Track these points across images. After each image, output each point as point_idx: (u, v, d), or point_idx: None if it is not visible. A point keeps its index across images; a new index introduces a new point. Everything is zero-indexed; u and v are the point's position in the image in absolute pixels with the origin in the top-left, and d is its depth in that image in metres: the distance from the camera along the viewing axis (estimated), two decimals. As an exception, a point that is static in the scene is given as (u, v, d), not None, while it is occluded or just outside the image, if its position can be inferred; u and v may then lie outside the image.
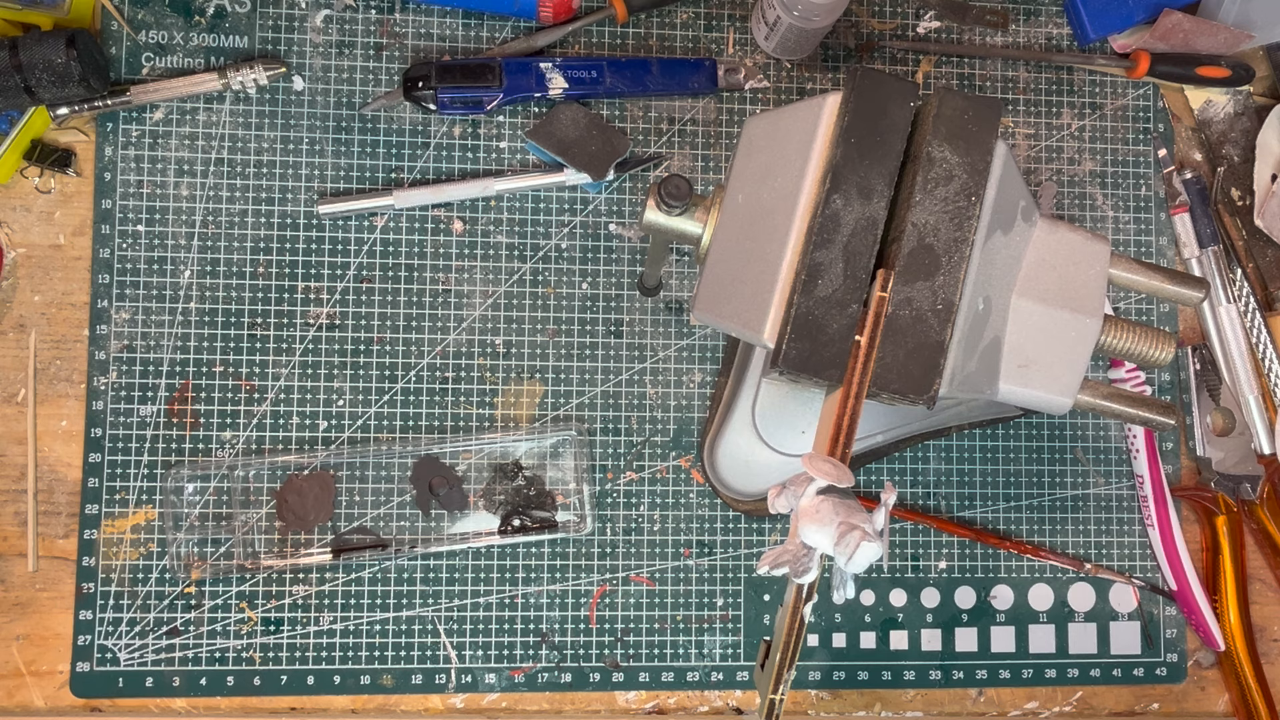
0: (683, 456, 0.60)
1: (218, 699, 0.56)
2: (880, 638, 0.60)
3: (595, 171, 0.59)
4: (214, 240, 0.58)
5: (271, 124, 0.58)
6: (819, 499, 0.37)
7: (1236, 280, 0.63)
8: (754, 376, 0.56)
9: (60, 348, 0.57)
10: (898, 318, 0.40)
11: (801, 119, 0.43)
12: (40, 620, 0.55)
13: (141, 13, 0.58)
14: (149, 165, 0.57)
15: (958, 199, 0.41)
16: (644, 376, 0.60)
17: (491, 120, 0.60)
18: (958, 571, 0.60)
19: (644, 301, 0.60)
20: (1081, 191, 0.63)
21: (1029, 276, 0.45)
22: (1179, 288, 0.47)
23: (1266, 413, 0.62)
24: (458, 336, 0.59)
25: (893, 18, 0.63)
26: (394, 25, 0.60)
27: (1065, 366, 0.45)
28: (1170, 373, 0.63)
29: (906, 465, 0.61)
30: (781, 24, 0.57)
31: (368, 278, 0.58)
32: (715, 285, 0.44)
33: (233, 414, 0.57)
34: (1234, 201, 0.63)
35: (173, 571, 0.56)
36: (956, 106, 0.42)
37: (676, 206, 0.44)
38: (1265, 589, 0.63)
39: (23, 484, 0.56)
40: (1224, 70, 0.62)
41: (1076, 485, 0.62)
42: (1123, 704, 0.61)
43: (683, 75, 0.60)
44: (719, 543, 0.59)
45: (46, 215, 0.57)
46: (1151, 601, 0.61)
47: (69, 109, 0.56)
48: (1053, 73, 0.63)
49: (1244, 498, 0.61)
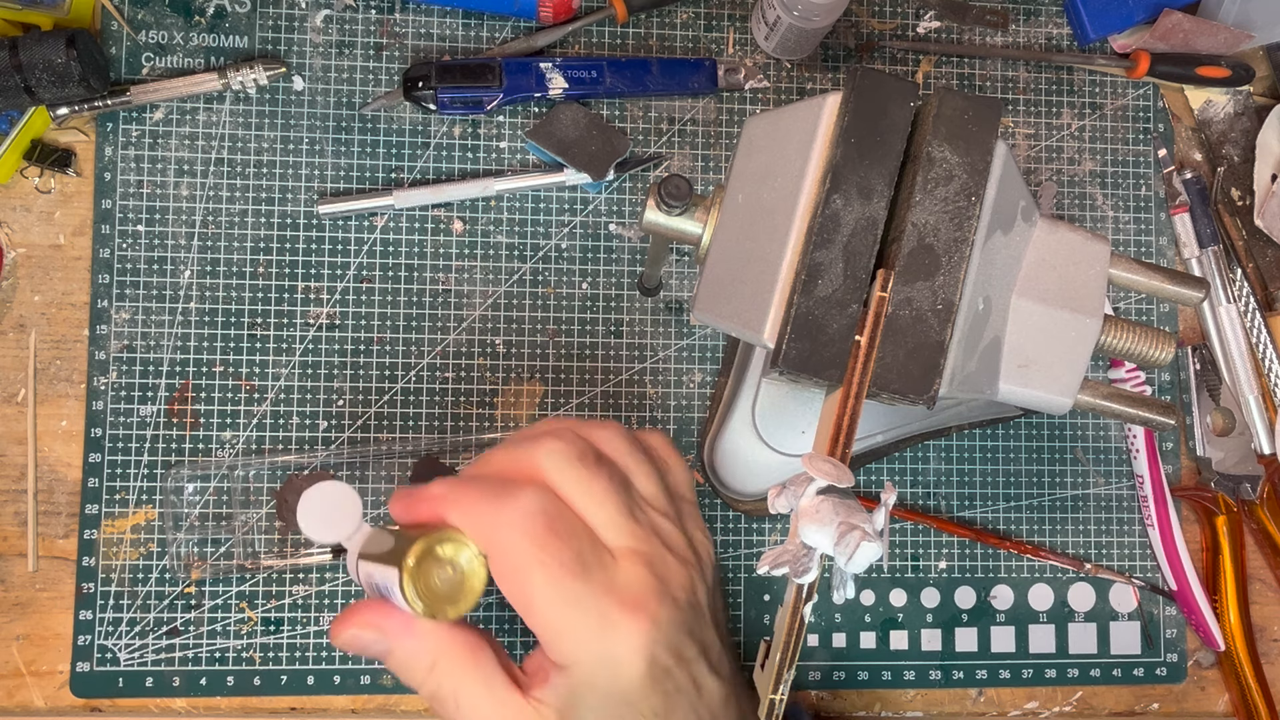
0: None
1: (218, 699, 0.56)
2: (880, 638, 0.60)
3: (595, 171, 0.59)
4: (214, 240, 0.58)
5: (271, 124, 0.58)
6: (819, 499, 0.37)
7: (1236, 280, 0.63)
8: (754, 376, 0.56)
9: (60, 348, 0.57)
10: (898, 318, 0.40)
11: (801, 119, 0.43)
12: (40, 620, 0.56)
13: (141, 13, 0.58)
14: (149, 165, 0.57)
15: (958, 199, 0.41)
16: (644, 376, 0.60)
17: (491, 120, 0.60)
18: (958, 571, 0.60)
19: (644, 301, 0.60)
20: (1081, 191, 0.63)
21: (1029, 276, 0.45)
22: (1179, 288, 0.47)
23: (1266, 413, 0.62)
24: (458, 336, 0.59)
25: (893, 18, 0.63)
26: (394, 25, 0.60)
27: (1065, 366, 0.45)
28: (1170, 373, 0.63)
29: (906, 465, 0.61)
30: (781, 24, 0.57)
31: (368, 278, 0.58)
32: (715, 285, 0.44)
33: (233, 414, 0.57)
34: (1234, 201, 0.63)
35: (173, 571, 0.56)
36: (956, 106, 0.42)
37: (676, 206, 0.44)
38: (1265, 589, 0.63)
39: (23, 484, 0.56)
40: (1224, 70, 0.62)
41: (1076, 485, 0.62)
42: (1123, 704, 0.61)
43: (683, 75, 0.60)
44: (719, 543, 0.59)
45: (46, 215, 0.57)
46: (1151, 601, 0.61)
47: (69, 109, 0.56)
48: (1053, 73, 0.63)
49: (1244, 498, 0.61)
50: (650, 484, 0.45)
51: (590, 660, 0.40)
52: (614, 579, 0.41)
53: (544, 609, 0.40)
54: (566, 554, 0.40)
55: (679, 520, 0.46)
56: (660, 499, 0.45)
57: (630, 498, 0.43)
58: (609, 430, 0.45)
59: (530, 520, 0.40)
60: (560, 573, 0.39)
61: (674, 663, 0.42)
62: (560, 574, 0.39)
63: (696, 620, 0.44)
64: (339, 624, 0.42)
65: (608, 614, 0.40)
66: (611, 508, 0.42)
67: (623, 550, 0.42)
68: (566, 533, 0.40)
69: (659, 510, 0.45)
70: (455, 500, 0.41)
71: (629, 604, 0.40)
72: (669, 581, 0.42)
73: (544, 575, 0.39)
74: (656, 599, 0.41)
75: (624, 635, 0.40)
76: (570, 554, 0.40)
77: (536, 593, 0.40)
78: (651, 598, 0.41)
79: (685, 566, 0.43)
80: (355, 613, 0.42)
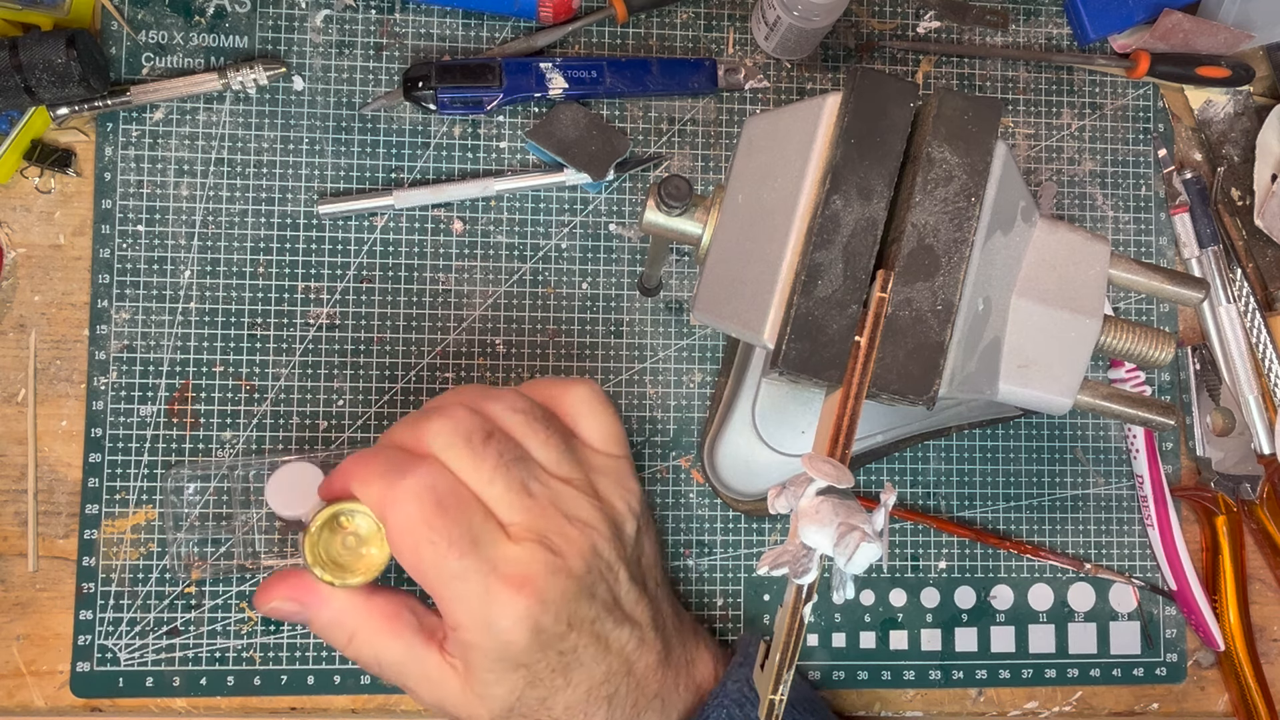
0: (683, 456, 0.60)
1: (218, 699, 0.56)
2: (880, 638, 0.60)
3: (595, 171, 0.59)
4: (214, 240, 0.58)
5: (271, 124, 0.58)
6: (819, 499, 0.37)
7: (1236, 280, 0.63)
8: (754, 376, 0.56)
9: (60, 348, 0.57)
10: (897, 318, 0.40)
11: (801, 119, 0.43)
12: (40, 620, 0.56)
13: (141, 13, 0.58)
14: (149, 165, 0.57)
15: (958, 199, 0.41)
16: (644, 376, 0.60)
17: (491, 120, 0.60)
18: (958, 571, 0.60)
19: (644, 301, 0.60)
20: (1081, 191, 0.63)
21: (1029, 277, 0.45)
22: (1179, 288, 0.47)
23: (1266, 413, 0.62)
24: (458, 337, 0.59)
25: (893, 18, 0.63)
26: (394, 25, 0.60)
27: (1065, 367, 0.45)
28: (1170, 373, 0.63)
29: (906, 465, 0.61)
30: (781, 24, 0.57)
31: (368, 278, 0.58)
32: (715, 285, 0.44)
33: (233, 414, 0.57)
34: (1234, 201, 0.63)
35: (173, 571, 0.56)
36: (956, 107, 0.42)
37: (676, 207, 0.44)
38: (1265, 589, 0.63)
39: (23, 484, 0.56)
40: (1224, 70, 0.62)
41: (1076, 485, 0.62)
42: (1122, 704, 0.61)
43: (683, 75, 0.60)
44: (719, 543, 0.59)
45: (46, 215, 0.57)
46: (1151, 601, 0.61)
47: (69, 109, 0.56)
48: (1053, 73, 0.63)
49: (1244, 498, 0.61)
50: (549, 452, 0.46)
51: (477, 628, 0.42)
52: (502, 555, 0.42)
53: (432, 581, 0.42)
54: (455, 531, 0.41)
55: (587, 482, 0.46)
56: (562, 465, 0.46)
57: (525, 470, 0.44)
58: (505, 401, 0.46)
59: (420, 497, 0.41)
60: (447, 550, 0.41)
61: (567, 628, 0.44)
62: (446, 551, 0.41)
63: (600, 581, 0.45)
64: (262, 593, 0.46)
65: (490, 589, 0.42)
66: (501, 485, 0.43)
67: (516, 526, 0.43)
68: (455, 510, 0.42)
69: (560, 478, 0.46)
70: (357, 474, 0.43)
71: (513, 581, 0.42)
72: (564, 553, 0.43)
73: (431, 551, 0.41)
74: (545, 574, 0.42)
75: (506, 610, 0.42)
76: (458, 531, 0.42)
77: (426, 566, 0.42)
78: (540, 574, 0.42)
79: (587, 533, 0.45)
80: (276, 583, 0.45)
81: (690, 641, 0.52)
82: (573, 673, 0.45)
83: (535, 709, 0.45)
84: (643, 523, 0.49)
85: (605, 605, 0.45)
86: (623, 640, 0.46)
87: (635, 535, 0.48)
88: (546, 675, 0.44)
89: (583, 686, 0.45)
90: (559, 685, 0.45)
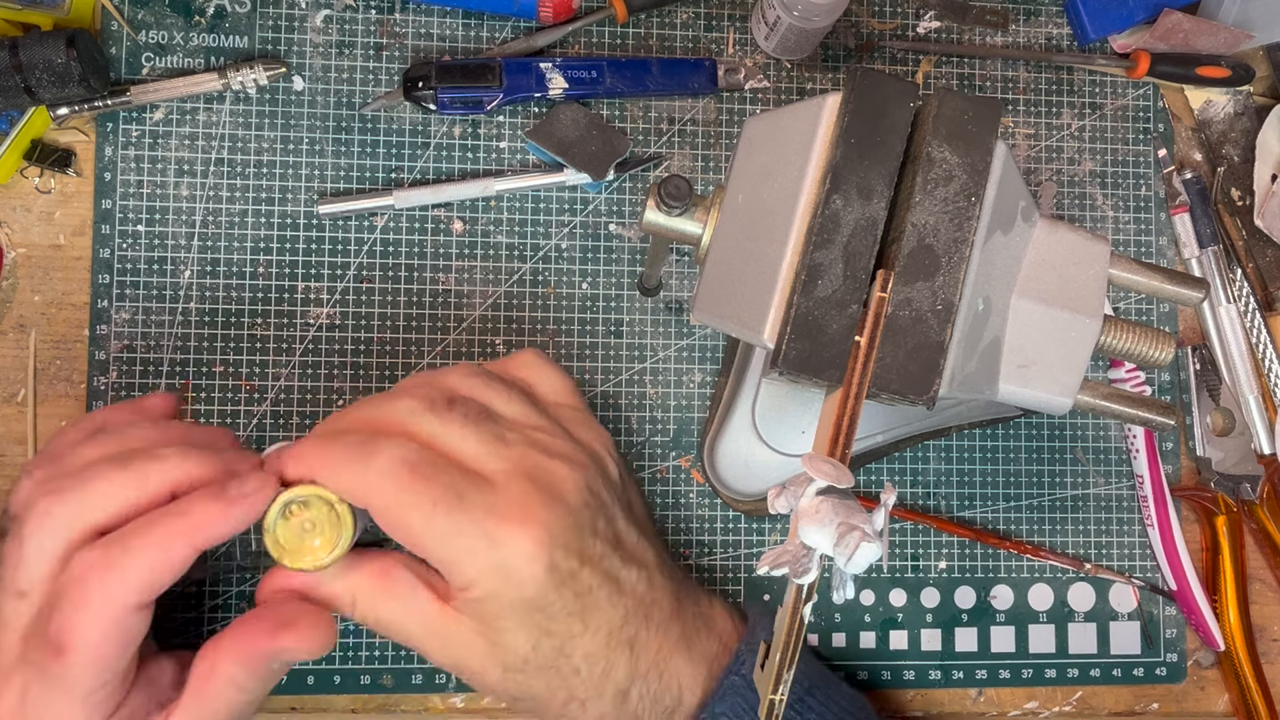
0: (683, 456, 0.60)
1: (218, 699, 0.56)
2: (880, 638, 0.60)
3: (595, 171, 0.59)
4: (214, 240, 0.58)
5: (271, 124, 0.58)
6: (819, 499, 0.37)
7: (1236, 280, 0.63)
8: (754, 376, 0.56)
9: (60, 348, 0.57)
10: (897, 318, 0.40)
11: (801, 119, 0.43)
12: (40, 620, 0.55)
13: (141, 13, 0.58)
14: (149, 165, 0.57)
15: (958, 199, 0.41)
16: (644, 376, 0.60)
17: (491, 120, 0.60)
18: (958, 571, 0.60)
19: (644, 301, 0.60)
20: (1081, 191, 0.63)
21: (1029, 276, 0.45)
22: (1179, 288, 0.47)
23: (1266, 413, 0.62)
24: (458, 337, 0.59)
25: (893, 18, 0.63)
26: (394, 25, 0.60)
27: (1065, 367, 0.45)
28: (1170, 373, 0.63)
29: (906, 465, 0.61)
30: (781, 24, 0.57)
31: (368, 278, 0.58)
32: (715, 285, 0.44)
33: (233, 414, 0.57)
34: (1234, 201, 0.63)
35: (173, 571, 0.56)
36: (956, 107, 0.42)
37: (676, 207, 0.44)
38: (1265, 589, 0.63)
39: (23, 484, 0.56)
40: (1224, 70, 0.62)
41: (1076, 485, 0.62)
42: (1122, 704, 0.61)
43: (683, 75, 0.60)
44: (719, 543, 0.59)
45: (46, 215, 0.57)
46: (1151, 601, 0.61)
47: (69, 109, 0.56)
48: (1053, 73, 0.63)
49: (1244, 498, 0.61)
50: (513, 405, 0.46)
51: (488, 577, 0.42)
52: (494, 500, 0.42)
53: (430, 545, 0.41)
54: (436, 490, 0.41)
55: (558, 428, 0.47)
56: (530, 415, 0.46)
57: (495, 425, 0.44)
58: (458, 372, 0.46)
59: (394, 469, 0.41)
60: (433, 509, 0.41)
61: (578, 563, 0.43)
62: (433, 510, 0.41)
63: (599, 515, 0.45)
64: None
65: (492, 533, 0.41)
66: (474, 439, 0.43)
67: (499, 473, 0.43)
68: (432, 472, 0.42)
69: (531, 426, 0.46)
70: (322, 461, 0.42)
71: (512, 517, 0.42)
72: (556, 487, 0.43)
73: (419, 515, 0.41)
74: (543, 506, 0.42)
75: (514, 547, 0.41)
76: (440, 489, 0.41)
77: (419, 532, 0.41)
78: (537, 506, 0.42)
79: (574, 468, 0.45)
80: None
81: (699, 593, 0.51)
82: (590, 616, 0.44)
83: (553, 658, 0.43)
84: (624, 471, 0.49)
85: (609, 542, 0.45)
86: (633, 581, 0.45)
87: (620, 478, 0.48)
88: (563, 619, 0.43)
89: (602, 631, 0.44)
90: (576, 631, 0.43)
